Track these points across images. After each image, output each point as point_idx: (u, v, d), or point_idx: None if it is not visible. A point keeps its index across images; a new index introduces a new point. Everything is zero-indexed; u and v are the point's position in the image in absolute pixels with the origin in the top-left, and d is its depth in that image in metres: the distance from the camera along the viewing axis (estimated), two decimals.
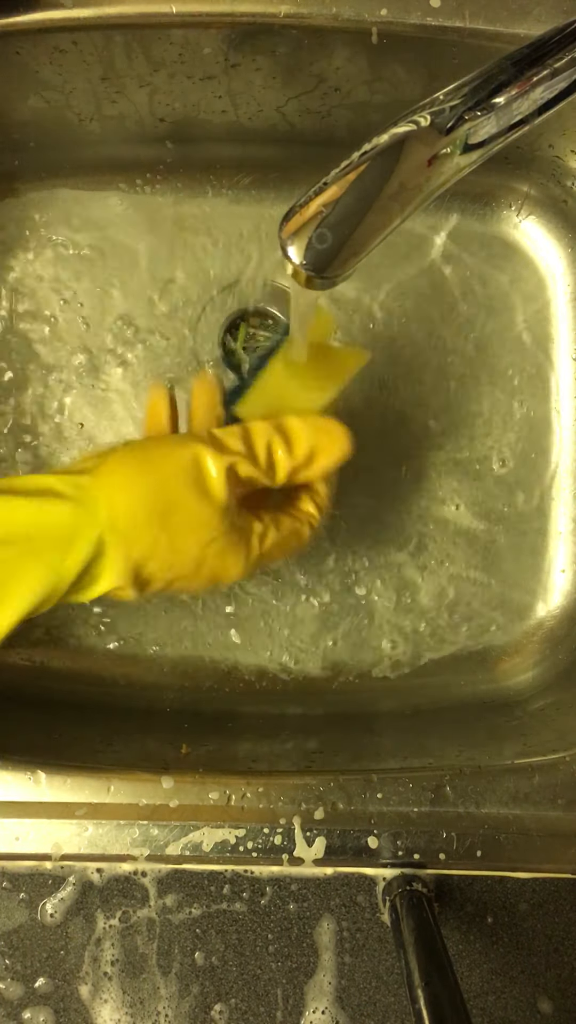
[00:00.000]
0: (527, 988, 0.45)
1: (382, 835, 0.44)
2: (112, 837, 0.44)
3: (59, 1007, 0.44)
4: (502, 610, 0.59)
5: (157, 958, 0.45)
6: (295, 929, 0.45)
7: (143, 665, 0.57)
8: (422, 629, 0.58)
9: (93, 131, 0.57)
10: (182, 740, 0.50)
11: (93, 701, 0.56)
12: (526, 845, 0.44)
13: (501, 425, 0.60)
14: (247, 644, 0.58)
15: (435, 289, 0.60)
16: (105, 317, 0.59)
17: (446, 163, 0.33)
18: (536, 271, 0.61)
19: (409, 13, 0.48)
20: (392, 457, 0.59)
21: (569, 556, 0.59)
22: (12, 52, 0.50)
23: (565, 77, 0.33)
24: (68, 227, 0.60)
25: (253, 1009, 0.45)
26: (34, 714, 0.54)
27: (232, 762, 0.48)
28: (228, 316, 0.60)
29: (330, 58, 0.51)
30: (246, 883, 0.45)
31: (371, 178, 0.33)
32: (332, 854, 0.44)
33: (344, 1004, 0.45)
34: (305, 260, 0.33)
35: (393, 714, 0.56)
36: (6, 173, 0.59)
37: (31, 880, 0.45)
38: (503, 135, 0.34)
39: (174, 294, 0.60)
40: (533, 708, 0.54)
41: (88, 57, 0.51)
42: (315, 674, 0.58)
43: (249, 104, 0.55)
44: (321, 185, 0.33)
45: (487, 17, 0.48)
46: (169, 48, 0.50)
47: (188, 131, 0.57)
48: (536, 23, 0.48)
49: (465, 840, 0.44)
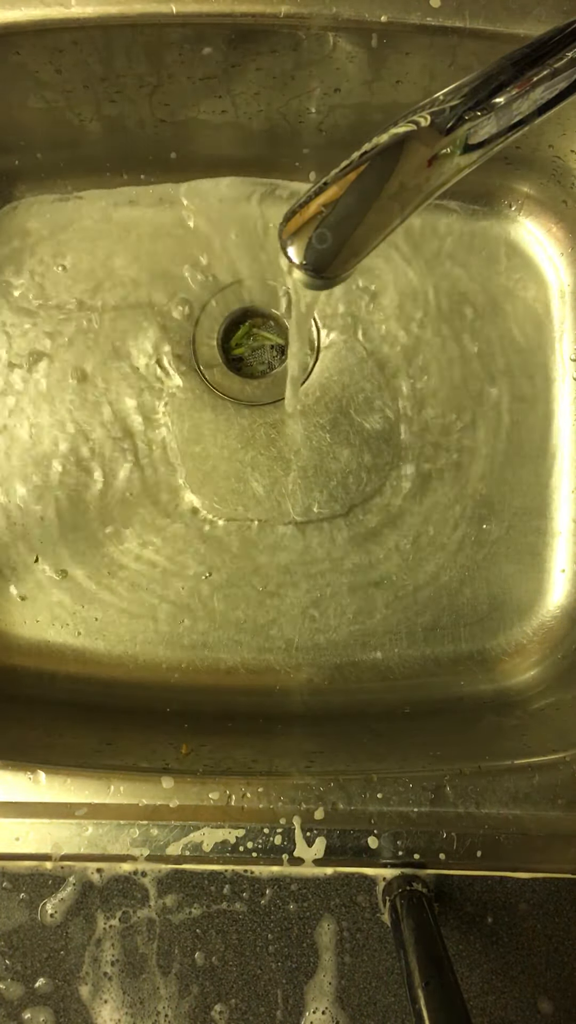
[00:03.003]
0: (527, 988, 0.45)
1: (382, 835, 0.44)
2: (112, 837, 0.44)
3: (59, 1007, 0.44)
4: (502, 610, 0.59)
5: (157, 958, 0.45)
6: (295, 929, 0.45)
7: (143, 665, 0.57)
8: (422, 629, 0.58)
9: (93, 131, 0.57)
10: (182, 740, 0.50)
11: (93, 701, 0.56)
12: (526, 845, 0.44)
13: (501, 425, 0.60)
14: (247, 644, 0.58)
15: (435, 289, 0.60)
16: (104, 317, 0.59)
17: (446, 163, 0.33)
18: (536, 271, 0.61)
19: (409, 13, 0.48)
20: (392, 456, 0.59)
21: (569, 556, 0.59)
22: (12, 52, 0.50)
23: (565, 77, 0.33)
24: (68, 227, 0.60)
25: (253, 1009, 0.45)
26: (34, 714, 0.54)
27: (232, 762, 0.47)
28: (228, 316, 0.60)
29: (330, 58, 0.51)
30: (246, 883, 0.45)
31: (371, 178, 0.33)
32: (332, 854, 0.44)
33: (344, 1004, 0.45)
34: (305, 260, 0.33)
35: (393, 714, 0.56)
36: (6, 173, 0.59)
37: (31, 880, 0.45)
38: (503, 135, 0.34)
39: (173, 293, 0.60)
40: (533, 708, 0.54)
41: (88, 57, 0.51)
42: (315, 674, 0.58)
43: (249, 104, 0.55)
44: (321, 185, 0.33)
45: (487, 17, 0.48)
46: (169, 48, 0.50)
47: (188, 131, 0.57)
48: (536, 23, 0.48)
49: (465, 840, 0.44)
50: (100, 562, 0.58)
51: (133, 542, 0.58)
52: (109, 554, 0.58)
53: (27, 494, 0.58)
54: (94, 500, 0.58)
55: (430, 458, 0.59)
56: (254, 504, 0.59)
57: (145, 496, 0.58)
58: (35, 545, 0.58)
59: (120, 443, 0.59)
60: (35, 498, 0.58)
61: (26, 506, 0.58)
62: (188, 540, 0.58)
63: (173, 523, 0.58)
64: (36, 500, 0.58)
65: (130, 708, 0.56)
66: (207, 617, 0.58)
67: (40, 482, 0.58)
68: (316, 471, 0.59)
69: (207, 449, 0.59)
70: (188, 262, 0.60)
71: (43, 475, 0.58)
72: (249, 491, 0.59)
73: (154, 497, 0.58)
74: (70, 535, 0.58)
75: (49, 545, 0.58)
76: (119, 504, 0.58)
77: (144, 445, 0.59)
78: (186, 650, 0.58)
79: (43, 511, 0.58)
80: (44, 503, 0.58)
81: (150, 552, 0.58)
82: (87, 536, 0.58)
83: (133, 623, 0.58)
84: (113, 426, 0.59)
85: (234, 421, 0.59)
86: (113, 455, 0.58)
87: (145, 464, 0.59)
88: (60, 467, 0.58)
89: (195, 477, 0.59)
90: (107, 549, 0.58)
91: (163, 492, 0.59)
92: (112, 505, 0.58)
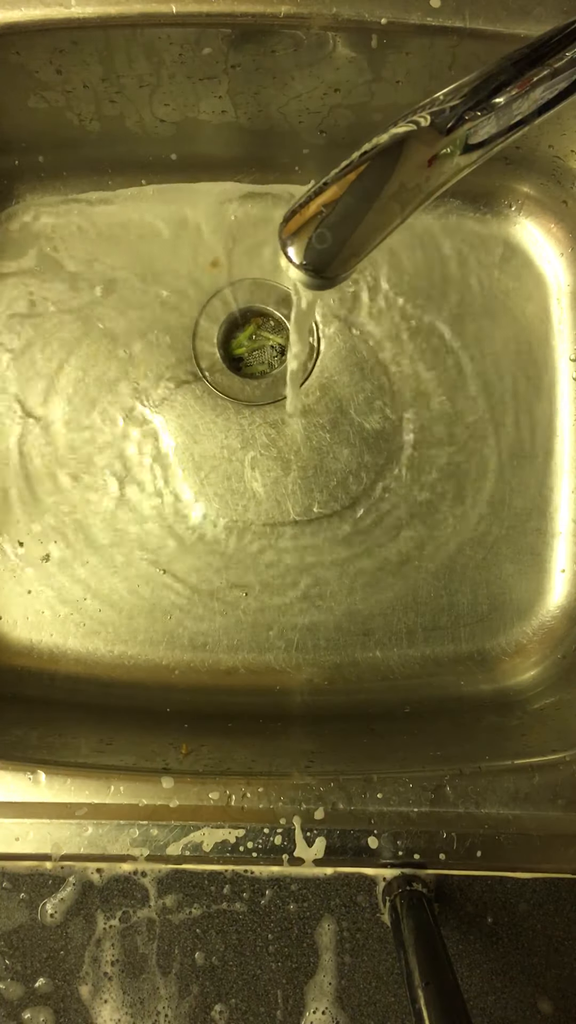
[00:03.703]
0: (527, 988, 0.45)
1: (382, 835, 0.44)
2: (112, 837, 0.44)
3: (59, 1007, 0.44)
4: (502, 610, 0.59)
5: (157, 958, 0.45)
6: (295, 929, 0.45)
7: (143, 665, 0.57)
8: (422, 629, 0.58)
9: (93, 131, 0.57)
10: (182, 740, 0.50)
11: (93, 701, 0.56)
12: (526, 845, 0.44)
13: (501, 425, 0.60)
14: (247, 644, 0.58)
15: (435, 289, 0.60)
16: (104, 317, 0.59)
17: (446, 163, 0.33)
18: (536, 271, 0.61)
19: (409, 13, 0.48)
20: (392, 456, 0.59)
21: (569, 556, 0.59)
22: (12, 52, 0.50)
23: (565, 77, 0.33)
24: (68, 227, 0.60)
25: (253, 1009, 0.45)
26: (34, 714, 0.54)
27: (232, 762, 0.47)
28: (228, 316, 0.60)
29: (330, 58, 0.51)
30: (246, 883, 0.45)
31: (371, 178, 0.33)
32: (332, 854, 0.44)
33: (344, 1004, 0.45)
34: (305, 260, 0.33)
35: (393, 714, 0.56)
36: (6, 173, 0.59)
37: (31, 880, 0.45)
38: (503, 135, 0.34)
39: (173, 293, 0.60)
40: (533, 708, 0.54)
41: (88, 57, 0.51)
42: (315, 674, 0.58)
43: (249, 104, 0.55)
44: (321, 185, 0.33)
45: (487, 17, 0.48)
46: (169, 48, 0.50)
47: (188, 131, 0.57)
48: (536, 23, 0.48)
49: (465, 840, 0.44)
50: (99, 562, 0.58)
51: (132, 542, 0.58)
52: (108, 554, 0.58)
53: (25, 494, 0.58)
54: (91, 501, 0.58)
55: (430, 458, 0.59)
56: (254, 504, 0.59)
57: (144, 496, 0.58)
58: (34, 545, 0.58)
59: (119, 443, 0.59)
60: (36, 500, 0.58)
61: (26, 507, 0.58)
62: (187, 540, 0.58)
63: (172, 524, 0.58)
64: (37, 502, 0.58)
65: (130, 708, 0.56)
66: (207, 617, 0.58)
67: (36, 481, 0.58)
68: (316, 471, 0.59)
69: (207, 449, 0.59)
70: (188, 262, 0.60)
71: (40, 475, 0.58)
72: (249, 491, 0.59)
73: (152, 497, 0.58)
74: (69, 535, 0.58)
75: (48, 545, 0.58)
76: (118, 504, 0.58)
77: (143, 445, 0.59)
78: (186, 650, 0.58)
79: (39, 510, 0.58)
80: (41, 504, 0.58)
81: (149, 552, 0.58)
82: (86, 536, 0.58)
83: (133, 623, 0.58)
84: (112, 426, 0.59)
85: (234, 421, 0.59)
86: (112, 455, 0.58)
87: (144, 464, 0.59)
88: (57, 468, 0.58)
89: (195, 477, 0.59)
90: (106, 549, 0.58)
91: (162, 492, 0.59)
92: (111, 505, 0.58)
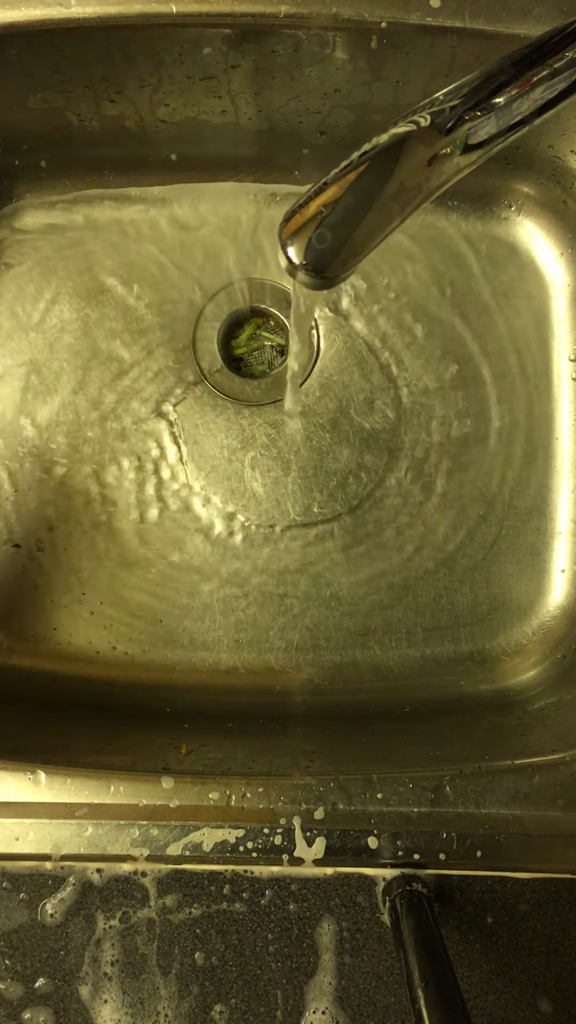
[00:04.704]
0: (527, 988, 0.45)
1: (382, 835, 0.44)
2: (112, 837, 0.44)
3: (59, 1007, 0.44)
4: (502, 610, 0.59)
5: (157, 958, 0.45)
6: (295, 929, 0.45)
7: (143, 665, 0.57)
8: (422, 629, 0.58)
9: (93, 131, 0.57)
10: (182, 740, 0.50)
11: (93, 701, 0.56)
12: (526, 845, 0.44)
13: (501, 425, 0.60)
14: (247, 644, 0.58)
15: (435, 289, 0.60)
16: (103, 317, 0.59)
17: (446, 163, 0.33)
18: (536, 271, 0.61)
19: (409, 13, 0.48)
20: (392, 456, 0.59)
21: (569, 556, 0.59)
22: (12, 52, 0.50)
23: (565, 77, 0.33)
24: (67, 228, 0.60)
25: (253, 1009, 0.45)
26: (34, 714, 0.54)
27: (232, 762, 0.47)
28: (228, 316, 0.60)
29: (330, 58, 0.51)
30: (246, 883, 0.45)
31: (371, 178, 0.33)
32: (332, 854, 0.44)
33: (344, 1004, 0.45)
34: (305, 260, 0.33)
35: (393, 714, 0.56)
36: (6, 173, 0.59)
37: (31, 880, 0.45)
38: (503, 135, 0.34)
39: (173, 294, 0.60)
40: (533, 708, 0.54)
41: (88, 57, 0.51)
42: (315, 674, 0.58)
43: (249, 104, 0.55)
44: (321, 185, 0.33)
45: (487, 17, 0.48)
46: (169, 48, 0.50)
47: (188, 131, 0.57)
48: (536, 23, 0.48)
49: (465, 840, 0.44)
50: (99, 561, 0.58)
51: (132, 542, 0.58)
52: (107, 554, 0.58)
53: (24, 492, 0.58)
54: (92, 500, 0.58)
55: (430, 458, 0.59)
56: (254, 504, 0.59)
57: (143, 496, 0.58)
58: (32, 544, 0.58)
59: (118, 443, 0.59)
60: (35, 497, 0.58)
61: (24, 504, 0.58)
62: (187, 540, 0.58)
63: (172, 523, 0.58)
64: (36, 499, 0.58)
65: (130, 708, 0.56)
66: (207, 617, 0.58)
67: (36, 481, 0.58)
68: (316, 471, 0.59)
69: (206, 449, 0.59)
70: (188, 262, 0.60)
71: (40, 475, 0.58)
72: (249, 491, 0.59)
73: (153, 497, 0.58)
74: (68, 536, 0.58)
75: (48, 544, 0.58)
76: (117, 504, 0.58)
77: (143, 445, 0.59)
78: (186, 650, 0.58)
79: (39, 510, 0.58)
80: (41, 502, 0.58)
81: (149, 552, 0.58)
82: (85, 537, 0.58)
83: (133, 622, 0.58)
84: (112, 427, 0.59)
85: (234, 421, 0.59)
86: (111, 456, 0.58)
87: (143, 464, 0.59)
88: (58, 468, 0.58)
89: (195, 477, 0.59)
90: (105, 548, 0.58)
91: (162, 492, 0.59)
92: (110, 505, 0.58)
